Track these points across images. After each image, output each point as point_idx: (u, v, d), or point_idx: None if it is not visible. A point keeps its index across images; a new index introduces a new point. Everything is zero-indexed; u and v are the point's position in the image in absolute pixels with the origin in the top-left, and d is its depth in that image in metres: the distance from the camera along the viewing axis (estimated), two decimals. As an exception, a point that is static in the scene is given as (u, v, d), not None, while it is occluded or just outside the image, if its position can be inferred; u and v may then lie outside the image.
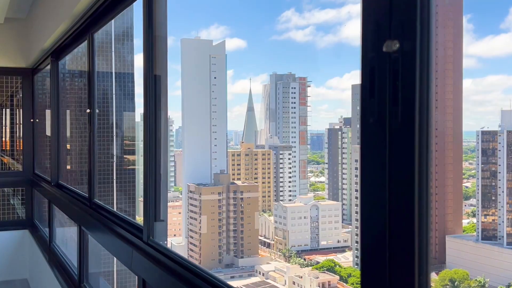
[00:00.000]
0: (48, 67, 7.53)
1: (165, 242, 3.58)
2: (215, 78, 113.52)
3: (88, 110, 5.51)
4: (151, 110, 3.57)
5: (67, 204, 6.22)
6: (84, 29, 5.50)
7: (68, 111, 8.02)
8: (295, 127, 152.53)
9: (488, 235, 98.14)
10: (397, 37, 1.46)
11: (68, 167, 8.27)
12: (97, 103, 6.79)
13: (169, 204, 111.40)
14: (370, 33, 1.54)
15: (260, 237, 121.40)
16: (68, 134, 7.98)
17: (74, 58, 7.62)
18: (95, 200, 5.37)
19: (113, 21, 5.38)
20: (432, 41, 1.45)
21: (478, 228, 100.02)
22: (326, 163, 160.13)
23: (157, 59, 3.60)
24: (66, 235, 6.97)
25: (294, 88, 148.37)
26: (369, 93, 1.56)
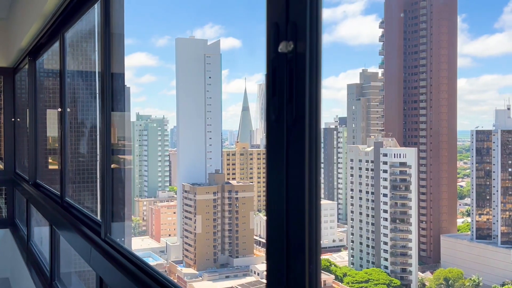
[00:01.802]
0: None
1: (123, 239, 3.62)
2: (209, 77, 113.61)
3: (59, 109, 5.54)
4: (108, 109, 3.60)
5: (41, 203, 6.25)
6: (56, 29, 5.52)
7: (57, 111, 8.01)
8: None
9: (483, 234, 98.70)
10: (292, 38, 1.52)
11: (56, 167, 8.27)
12: (81, 103, 6.80)
13: (163, 204, 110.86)
14: (271, 34, 1.61)
15: (255, 237, 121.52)
16: (57, 133, 7.97)
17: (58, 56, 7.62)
18: (67, 198, 5.39)
19: (96, 17, 5.39)
20: (321, 43, 1.51)
21: (472, 228, 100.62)
22: (322, 163, 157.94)
23: (114, 57, 3.63)
24: (42, 234, 7.00)
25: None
26: (272, 91, 1.62)
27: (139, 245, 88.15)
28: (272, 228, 1.63)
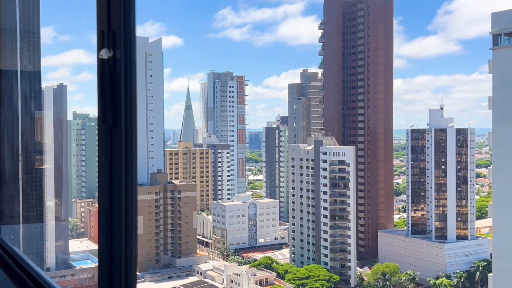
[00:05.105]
0: None
1: (12, 237, 3.59)
2: (151, 76, 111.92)
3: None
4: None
5: None
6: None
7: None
8: (233, 126, 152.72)
9: (418, 229, 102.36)
10: (112, 45, 1.71)
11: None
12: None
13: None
14: (99, 41, 1.77)
15: (198, 237, 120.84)
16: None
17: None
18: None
19: (18, 13, 5.24)
20: (135, 50, 1.71)
21: (408, 223, 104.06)
22: (264, 162, 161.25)
23: (2, 53, 3.57)
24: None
25: (232, 87, 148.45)
26: (100, 95, 1.77)
27: (77, 247, 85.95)
28: (101, 217, 1.78)
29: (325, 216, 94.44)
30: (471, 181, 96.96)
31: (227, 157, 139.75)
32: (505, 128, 45.64)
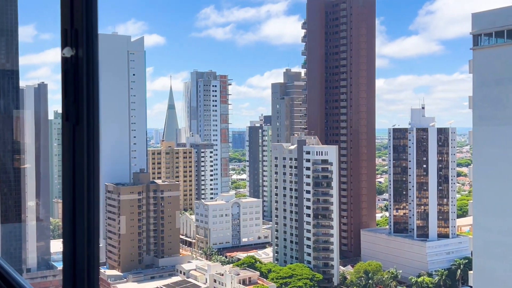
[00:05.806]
0: None
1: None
2: (133, 75, 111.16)
3: None
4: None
5: None
6: None
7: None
8: (216, 125, 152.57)
9: (400, 228, 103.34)
10: (74, 44, 1.74)
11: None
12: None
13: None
14: (63, 40, 1.77)
15: (181, 236, 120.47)
16: None
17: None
18: None
19: None
20: (97, 49, 1.71)
21: (390, 222, 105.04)
22: (247, 161, 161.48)
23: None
24: None
25: (215, 86, 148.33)
26: (64, 93, 1.77)
27: (59, 248, 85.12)
28: (65, 216, 1.76)
29: (308, 215, 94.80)
30: (452, 180, 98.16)
31: (210, 157, 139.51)
32: (485, 128, 46.25)
